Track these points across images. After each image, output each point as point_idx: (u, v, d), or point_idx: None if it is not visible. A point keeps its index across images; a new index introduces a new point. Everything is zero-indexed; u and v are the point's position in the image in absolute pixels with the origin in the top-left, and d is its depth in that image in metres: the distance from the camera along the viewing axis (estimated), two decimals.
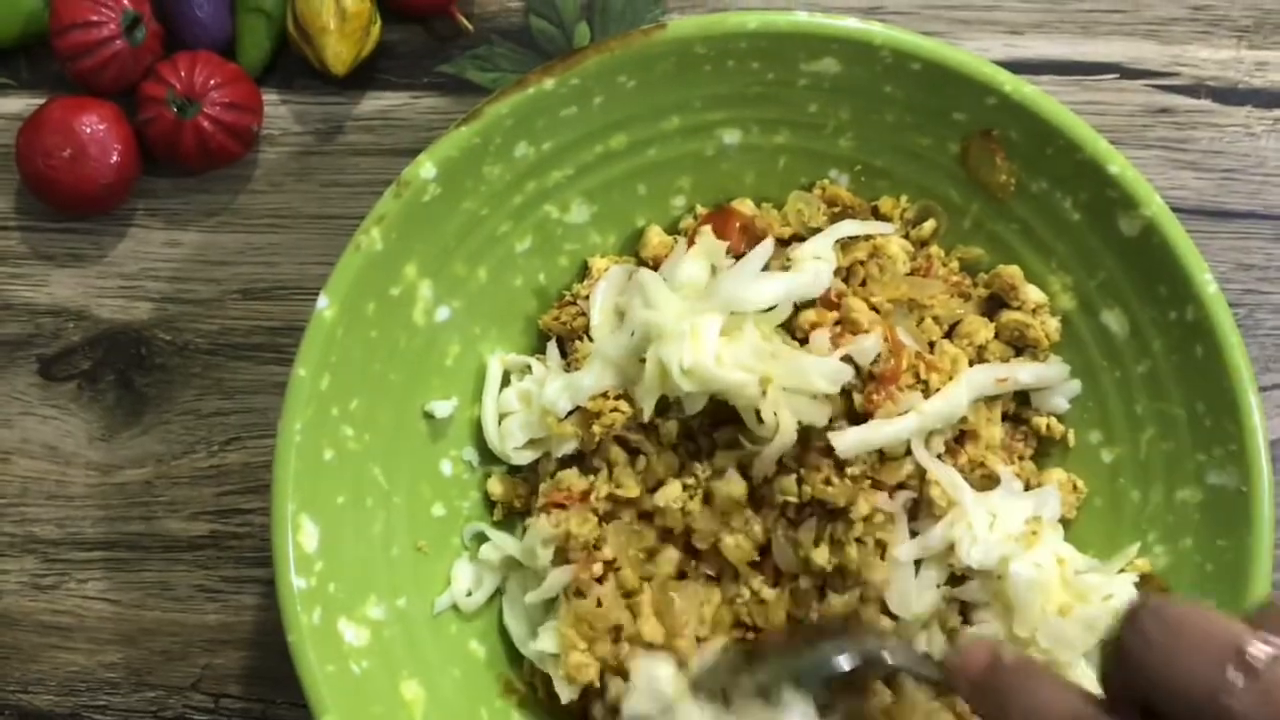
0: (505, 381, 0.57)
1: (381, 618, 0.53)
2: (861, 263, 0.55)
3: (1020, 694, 0.41)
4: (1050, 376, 0.55)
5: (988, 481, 0.54)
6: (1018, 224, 0.55)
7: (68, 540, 0.60)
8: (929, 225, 0.56)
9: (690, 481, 0.53)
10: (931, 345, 0.54)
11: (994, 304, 0.56)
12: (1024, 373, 0.54)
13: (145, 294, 0.61)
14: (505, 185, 0.54)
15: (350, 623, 0.52)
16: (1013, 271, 0.55)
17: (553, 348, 0.57)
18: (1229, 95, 0.61)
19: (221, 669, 0.60)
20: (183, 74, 0.59)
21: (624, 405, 0.53)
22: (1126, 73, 0.61)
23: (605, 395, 0.53)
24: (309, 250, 0.61)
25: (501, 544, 0.56)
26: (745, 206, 0.56)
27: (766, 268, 0.53)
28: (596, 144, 0.54)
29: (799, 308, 0.53)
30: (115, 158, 0.59)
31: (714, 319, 0.51)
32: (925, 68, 0.52)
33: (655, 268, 0.55)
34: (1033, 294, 0.55)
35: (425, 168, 0.51)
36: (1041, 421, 0.55)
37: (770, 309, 0.52)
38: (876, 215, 0.56)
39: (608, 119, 0.54)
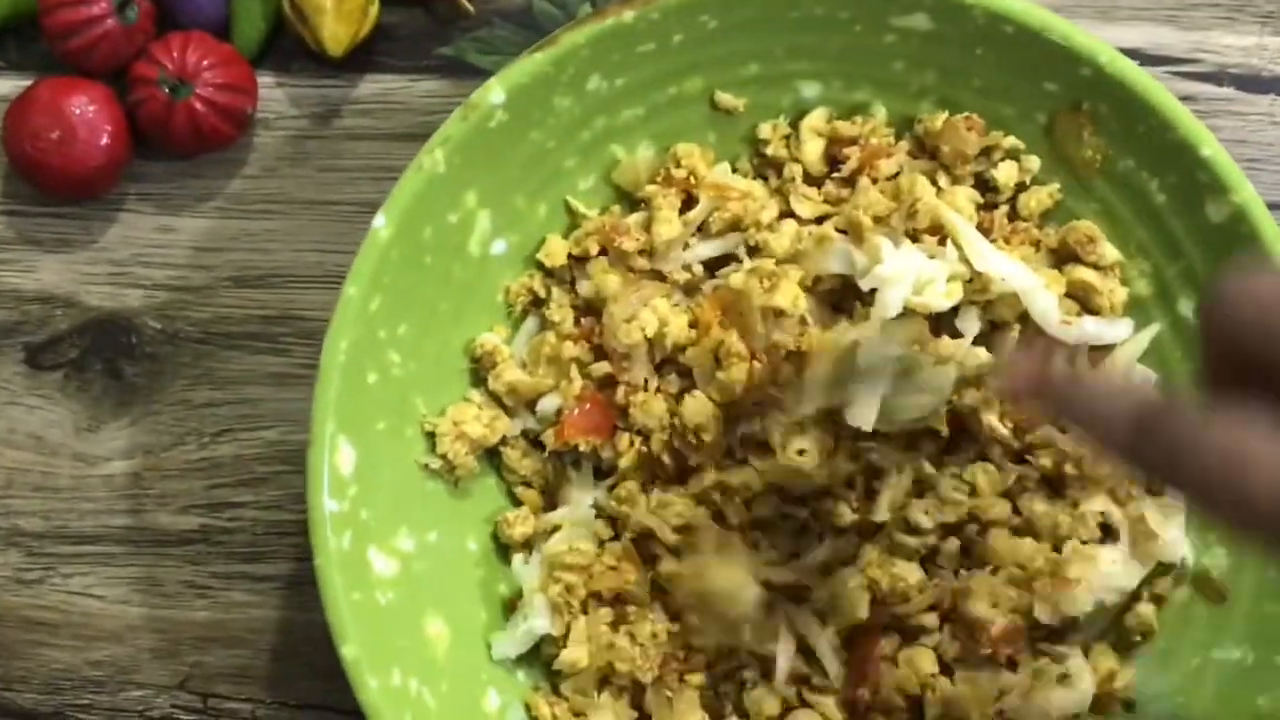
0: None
1: (412, 550, 0.51)
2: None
3: (1080, 394, 0.38)
4: (1114, 335, 0.52)
5: None
6: (1098, 204, 0.53)
7: (53, 534, 0.58)
8: (1008, 170, 0.53)
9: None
10: None
11: (1063, 258, 0.53)
12: (1089, 323, 0.52)
13: (135, 281, 0.59)
14: (574, 119, 0.52)
15: (380, 552, 0.50)
16: (1089, 226, 0.52)
17: None
18: (1252, 83, 0.59)
19: (210, 667, 0.58)
20: (175, 54, 0.57)
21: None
22: (1147, 59, 0.59)
23: None
24: (304, 237, 0.59)
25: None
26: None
27: None
28: (671, 85, 0.53)
29: None
30: (105, 140, 0.57)
31: None
32: (1018, 32, 0.50)
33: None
34: (1109, 251, 0.52)
35: (494, 92, 0.50)
36: None
37: None
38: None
39: (685, 60, 0.52)
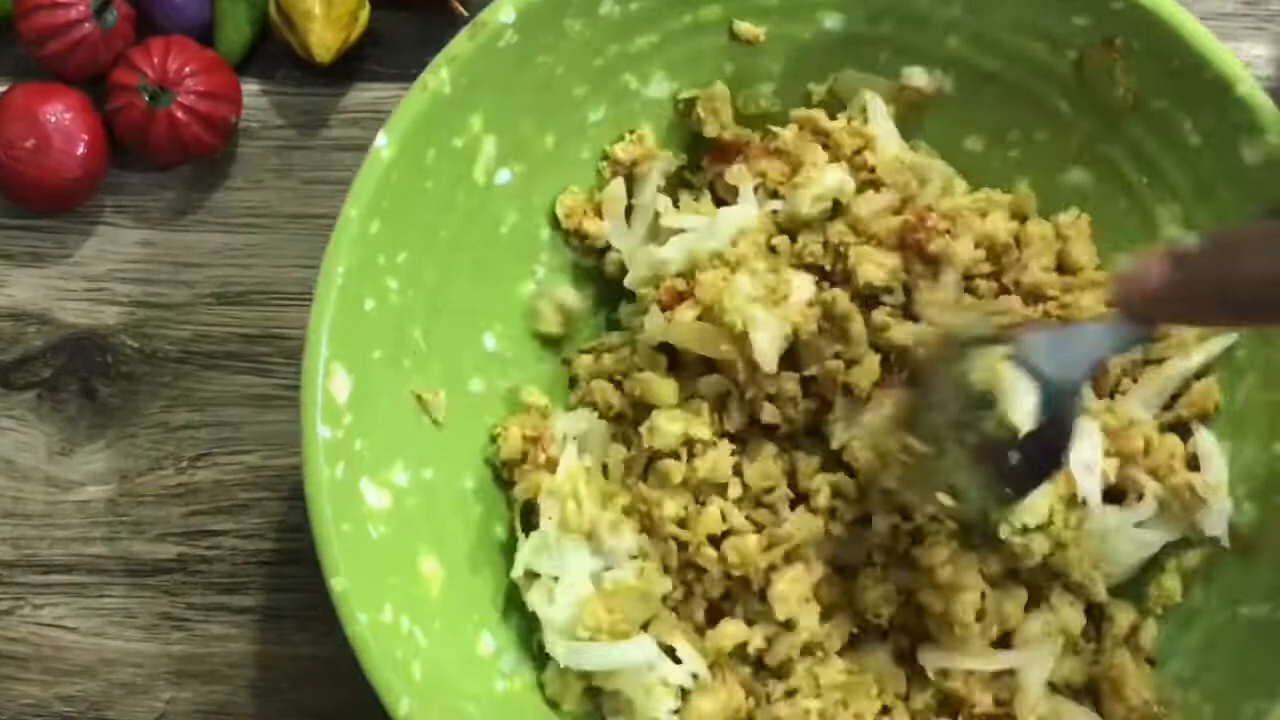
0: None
1: (406, 485, 0.50)
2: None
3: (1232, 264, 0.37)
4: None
5: None
6: (1129, 146, 0.51)
7: (23, 562, 0.56)
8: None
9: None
10: None
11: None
12: None
13: (112, 297, 0.58)
14: (586, 44, 0.50)
15: (373, 484, 0.48)
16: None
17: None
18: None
19: (187, 704, 0.56)
20: (156, 60, 0.55)
21: None
22: None
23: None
24: (289, 252, 0.58)
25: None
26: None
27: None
28: (687, 12, 0.51)
29: None
30: (82, 149, 0.56)
31: None
32: None
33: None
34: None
35: (505, 10, 0.48)
36: None
37: None
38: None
39: None
